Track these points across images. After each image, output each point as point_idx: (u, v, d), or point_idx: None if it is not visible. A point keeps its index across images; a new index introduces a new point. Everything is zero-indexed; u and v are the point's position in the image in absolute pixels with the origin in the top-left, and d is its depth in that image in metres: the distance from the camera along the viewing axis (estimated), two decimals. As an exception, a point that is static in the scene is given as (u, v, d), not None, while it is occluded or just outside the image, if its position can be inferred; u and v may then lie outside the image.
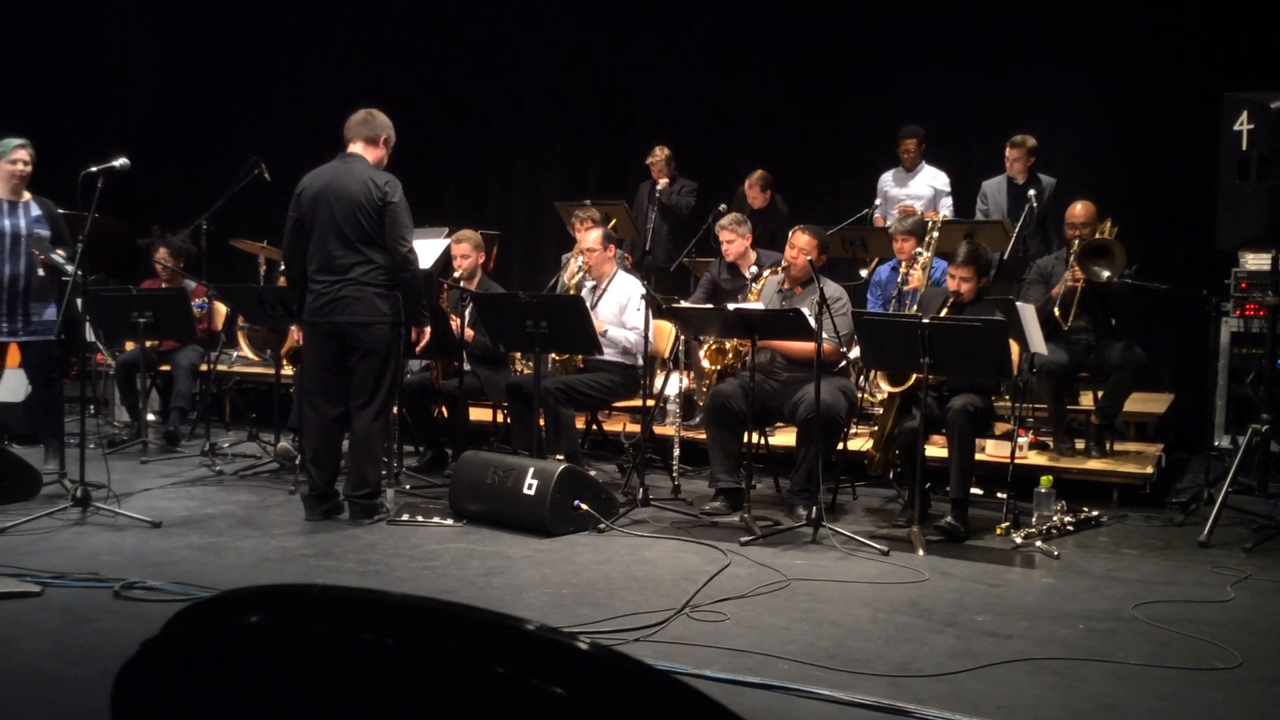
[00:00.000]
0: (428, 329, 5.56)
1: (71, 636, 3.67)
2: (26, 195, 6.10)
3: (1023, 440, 5.99)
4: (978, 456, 5.55)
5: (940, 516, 5.29)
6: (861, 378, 6.43)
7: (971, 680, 3.41)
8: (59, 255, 6.08)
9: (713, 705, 0.75)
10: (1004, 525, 5.29)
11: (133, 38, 11.78)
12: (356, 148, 5.41)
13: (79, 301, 5.79)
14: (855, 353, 5.64)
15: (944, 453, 5.41)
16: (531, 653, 0.81)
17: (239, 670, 0.83)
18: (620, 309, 6.37)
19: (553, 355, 6.41)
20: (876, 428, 5.70)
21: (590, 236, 6.49)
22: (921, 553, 4.93)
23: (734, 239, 6.73)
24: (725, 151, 9.47)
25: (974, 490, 5.56)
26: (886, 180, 8.25)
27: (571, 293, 6.55)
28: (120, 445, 7.19)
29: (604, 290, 6.47)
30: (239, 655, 0.83)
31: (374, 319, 5.25)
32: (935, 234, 6.50)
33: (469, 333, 6.38)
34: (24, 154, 6.05)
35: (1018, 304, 5.79)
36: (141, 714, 0.80)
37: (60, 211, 6.21)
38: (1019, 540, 5.12)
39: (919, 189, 8.11)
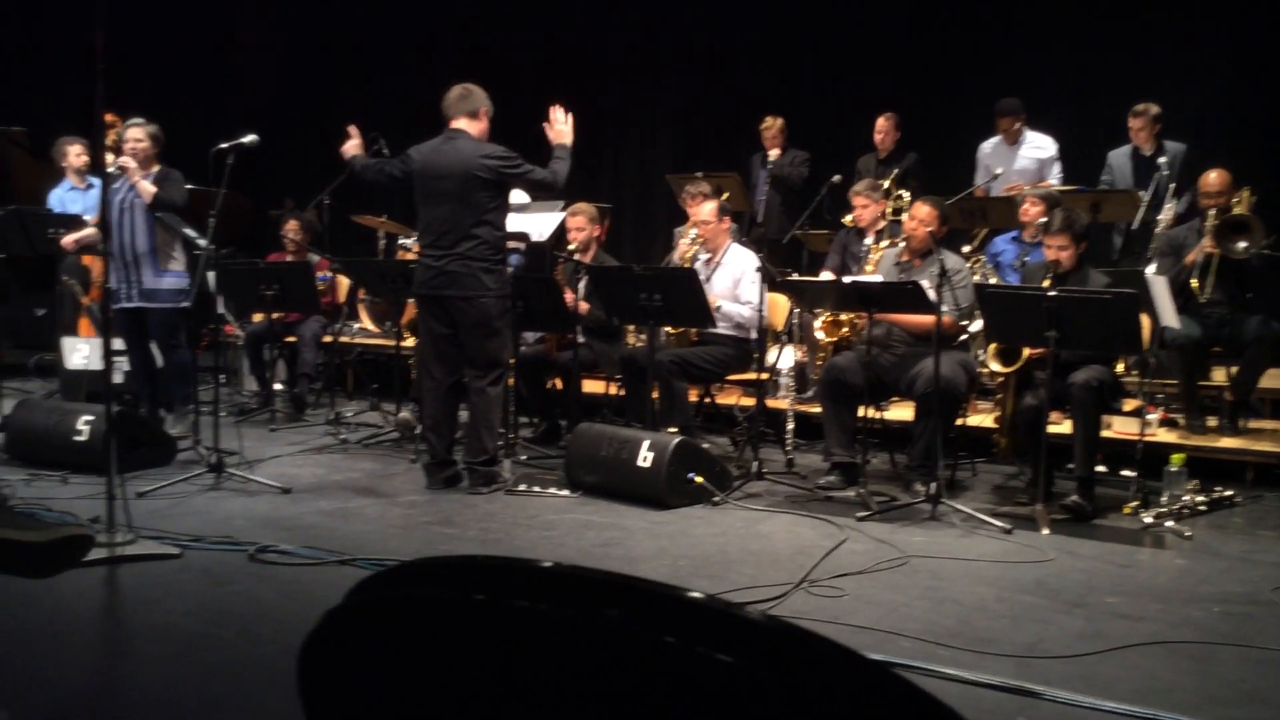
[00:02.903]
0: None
1: (211, 598, 3.82)
2: (154, 168, 6.33)
3: (1152, 417, 5.81)
4: (1104, 434, 5.39)
5: (1064, 495, 5.16)
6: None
7: (1102, 663, 3.32)
8: (189, 231, 6.32)
9: (894, 678, 0.74)
10: (1132, 505, 5.14)
11: (257, 18, 12.10)
12: (460, 124, 5.47)
13: (210, 275, 5.99)
14: (977, 326, 5.52)
15: (1066, 429, 5.27)
16: (701, 622, 0.81)
17: (412, 637, 0.85)
18: (734, 282, 6.33)
19: (667, 329, 6.41)
20: (998, 410, 5.56)
21: (705, 209, 6.45)
22: (1046, 531, 4.81)
23: (868, 204, 6.69)
24: (838, 121, 9.32)
25: (1099, 468, 5.41)
26: (985, 152, 8.00)
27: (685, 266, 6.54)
28: (250, 414, 7.45)
29: (718, 263, 6.43)
30: (412, 623, 0.85)
31: (479, 293, 5.33)
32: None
33: (583, 305, 6.43)
34: (132, 132, 6.32)
35: (1148, 275, 5.61)
36: (327, 680, 0.82)
37: (189, 188, 6.44)
38: (1149, 520, 4.97)
39: (1022, 163, 7.84)
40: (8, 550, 2.61)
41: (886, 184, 7.58)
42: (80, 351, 7.42)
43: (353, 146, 5.76)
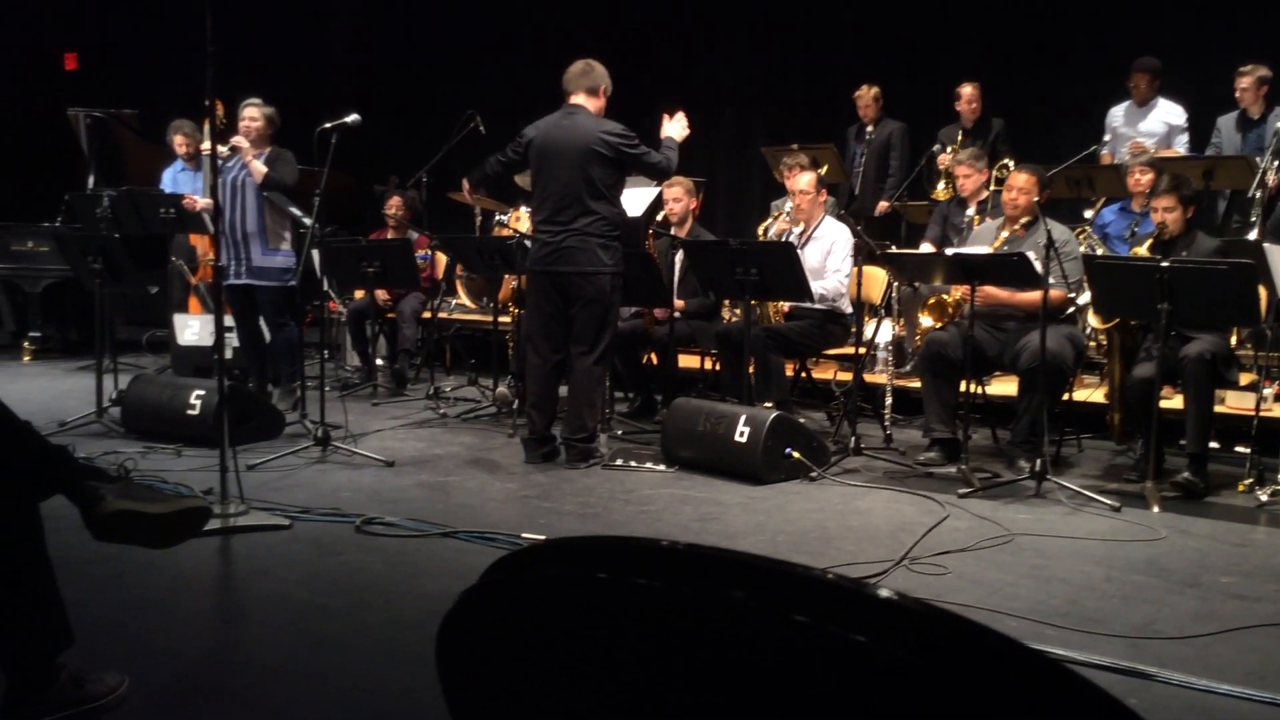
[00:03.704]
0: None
1: (320, 568, 3.92)
2: (266, 149, 6.48)
3: (1268, 391, 5.60)
4: (1218, 408, 5.22)
5: (1176, 472, 5.01)
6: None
7: (1218, 644, 3.23)
8: (295, 210, 6.46)
9: (1037, 657, 0.73)
10: (1247, 482, 4.98)
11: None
12: (579, 99, 5.47)
13: (315, 253, 6.11)
14: (1085, 298, 5.37)
15: (1178, 403, 5.11)
16: (832, 601, 0.81)
17: (543, 616, 0.86)
18: (824, 255, 6.25)
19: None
20: (1105, 384, 5.41)
21: (803, 180, 6.38)
22: (1156, 509, 4.69)
23: (970, 174, 6.56)
24: (935, 89, 9.12)
25: (1212, 444, 5.24)
26: (1116, 115, 7.75)
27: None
28: (353, 388, 7.61)
29: (810, 236, 6.36)
30: (542, 602, 0.86)
31: (596, 269, 5.34)
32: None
33: (678, 303, 6.41)
34: (249, 111, 6.46)
35: (1265, 245, 5.39)
36: (464, 658, 0.84)
37: (300, 167, 6.57)
38: (1264, 498, 4.81)
39: (1151, 126, 7.59)
40: (132, 521, 2.71)
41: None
42: (191, 328, 7.67)
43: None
